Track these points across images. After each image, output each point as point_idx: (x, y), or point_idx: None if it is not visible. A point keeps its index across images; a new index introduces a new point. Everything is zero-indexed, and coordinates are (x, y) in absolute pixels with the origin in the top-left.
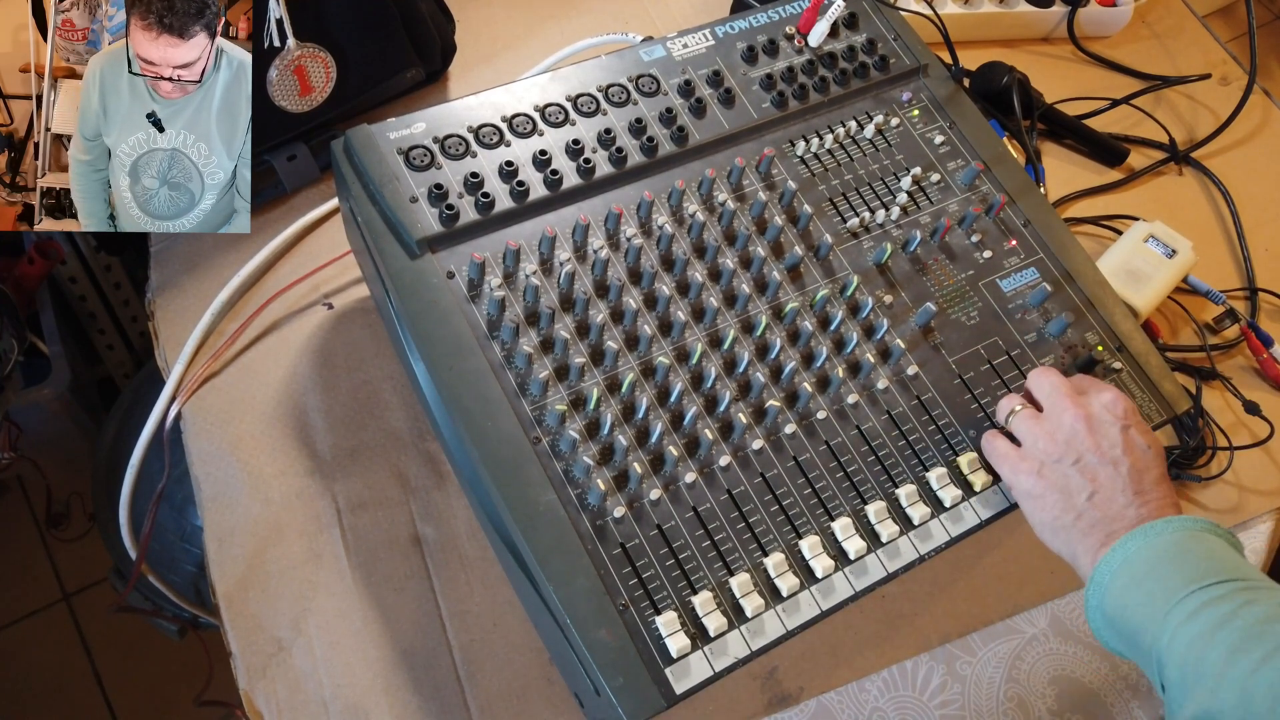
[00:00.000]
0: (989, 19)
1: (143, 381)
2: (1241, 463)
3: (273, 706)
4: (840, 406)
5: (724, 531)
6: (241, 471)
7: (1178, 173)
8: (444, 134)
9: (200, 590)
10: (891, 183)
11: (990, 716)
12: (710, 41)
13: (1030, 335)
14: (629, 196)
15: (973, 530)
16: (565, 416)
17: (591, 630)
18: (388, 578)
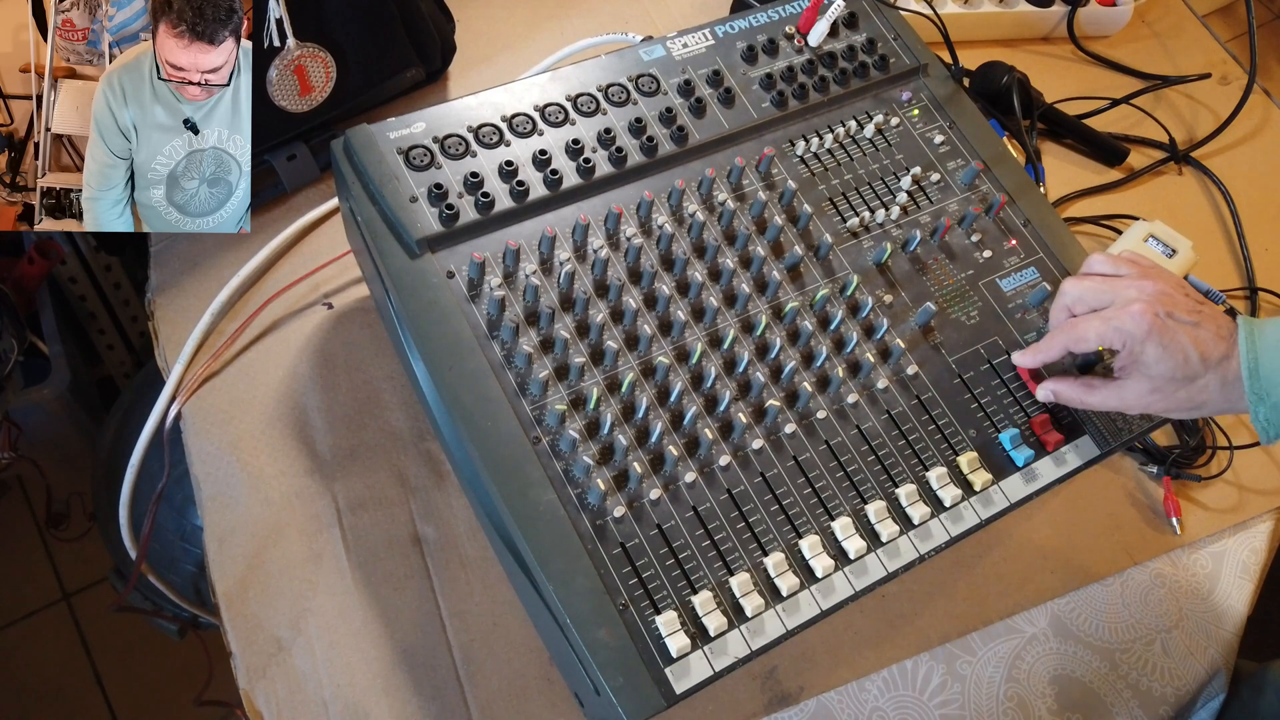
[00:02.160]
0: (989, 19)
1: (143, 381)
2: (1241, 462)
3: (273, 706)
4: (840, 406)
5: (724, 531)
6: (241, 471)
7: (1178, 172)
8: (444, 134)
9: (200, 590)
10: (891, 182)
11: (990, 716)
12: (710, 41)
13: (1030, 335)
14: (629, 196)
15: (973, 530)
16: (565, 416)
17: (591, 630)
18: (387, 577)
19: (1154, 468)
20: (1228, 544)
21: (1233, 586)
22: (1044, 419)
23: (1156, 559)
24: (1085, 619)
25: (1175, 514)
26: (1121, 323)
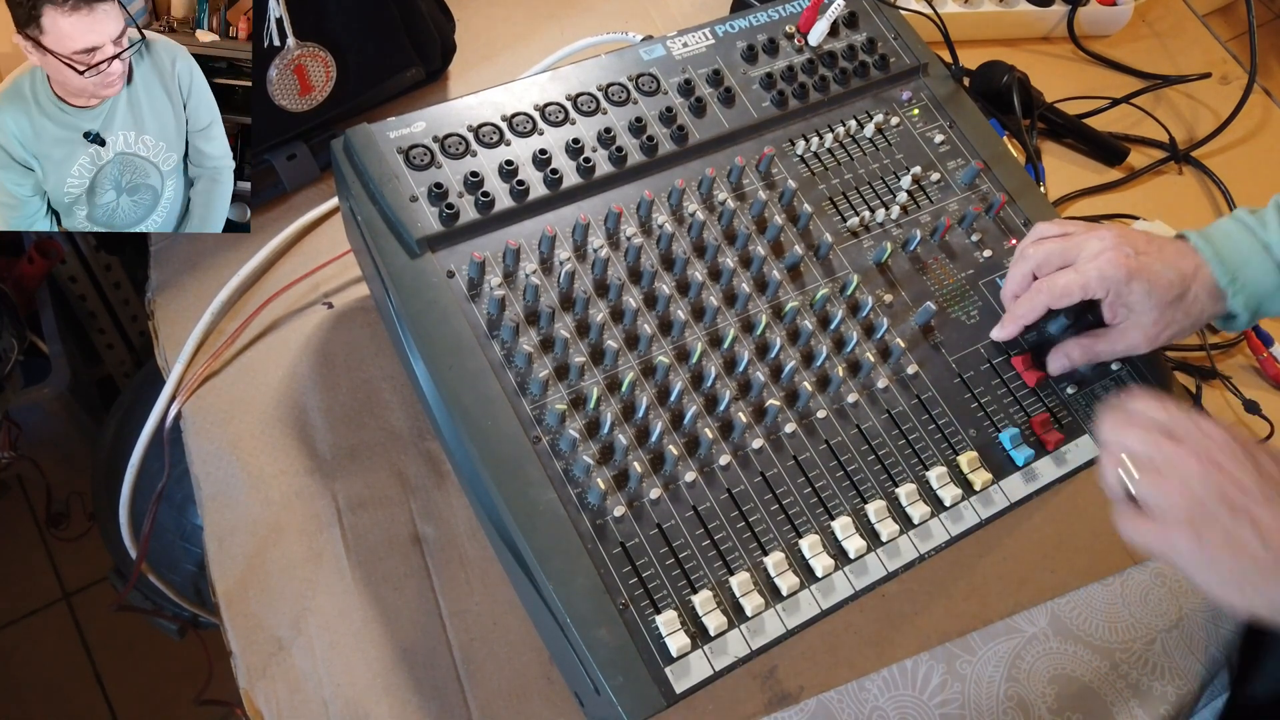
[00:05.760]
0: (989, 18)
1: (143, 381)
2: None
3: (273, 706)
4: (840, 406)
5: (724, 530)
6: (241, 471)
7: (1178, 172)
8: (444, 133)
9: (200, 589)
10: (891, 182)
11: (990, 716)
12: (710, 41)
13: (1031, 335)
14: (629, 196)
15: (973, 530)
16: (565, 416)
17: (591, 629)
18: (387, 577)
19: None
20: None
21: None
22: (1044, 418)
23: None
24: (1085, 618)
25: None
26: (1101, 269)
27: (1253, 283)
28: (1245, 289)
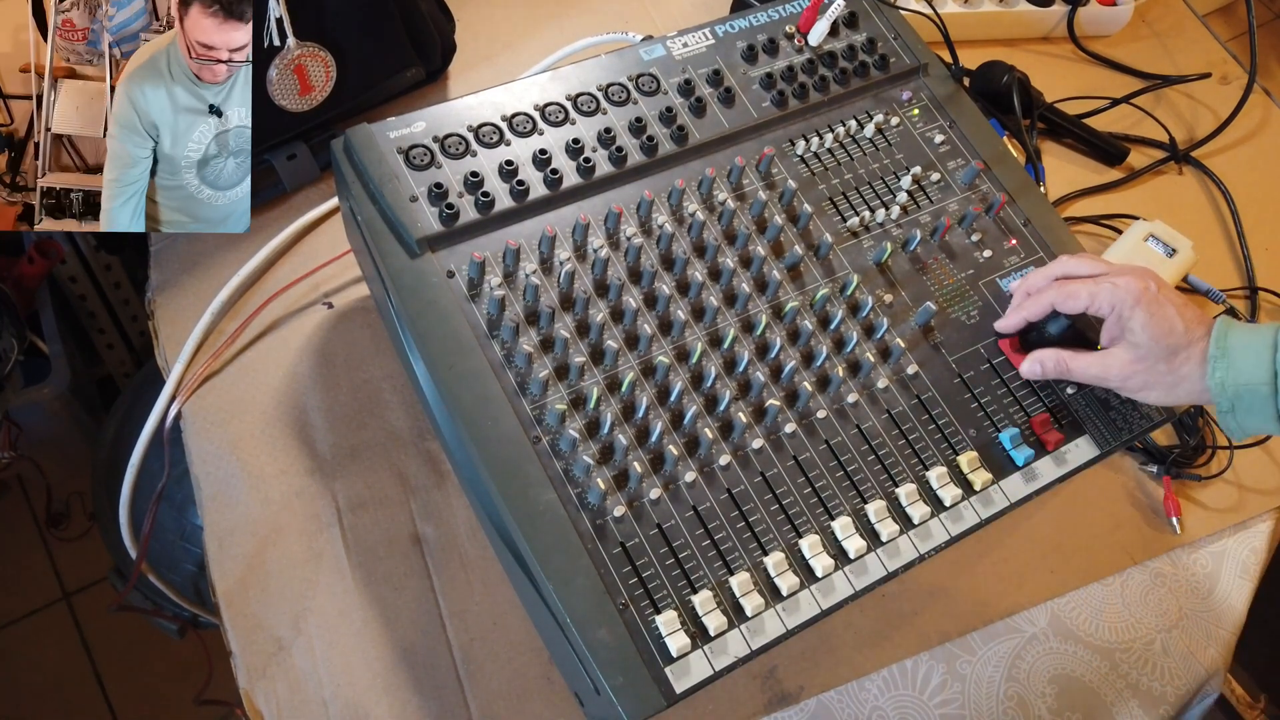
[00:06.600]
0: (989, 18)
1: (143, 381)
2: (1241, 462)
3: (273, 706)
4: (840, 406)
5: (724, 530)
6: (241, 471)
7: (1178, 172)
8: (444, 133)
9: (200, 590)
10: (891, 182)
11: (990, 716)
12: (710, 41)
13: (1030, 334)
14: (629, 196)
15: (973, 530)
16: (565, 416)
17: (591, 629)
18: (387, 577)
19: (1154, 467)
20: (1228, 544)
21: (1232, 586)
22: (1044, 418)
23: (1156, 559)
24: (1085, 618)
25: (1175, 513)
26: (1115, 287)
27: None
28: (1231, 369)
